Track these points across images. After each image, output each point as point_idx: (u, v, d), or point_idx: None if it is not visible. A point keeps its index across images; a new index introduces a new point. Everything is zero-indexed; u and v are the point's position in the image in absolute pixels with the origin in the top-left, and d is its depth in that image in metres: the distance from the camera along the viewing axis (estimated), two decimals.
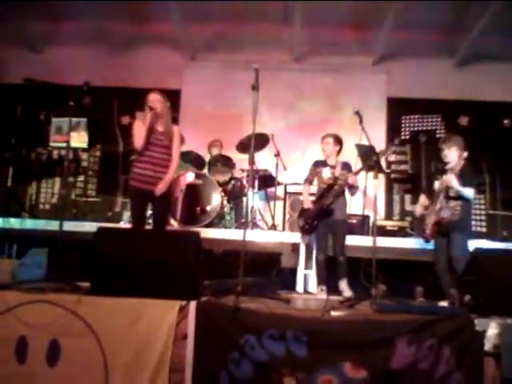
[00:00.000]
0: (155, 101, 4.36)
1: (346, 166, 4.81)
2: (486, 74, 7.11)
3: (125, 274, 3.28)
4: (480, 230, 6.77)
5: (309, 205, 4.83)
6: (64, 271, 3.84)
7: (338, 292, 4.56)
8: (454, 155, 4.38)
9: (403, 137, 7.34)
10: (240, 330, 3.06)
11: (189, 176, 5.59)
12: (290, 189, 6.32)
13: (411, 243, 5.28)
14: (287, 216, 6.22)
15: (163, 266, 3.29)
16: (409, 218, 6.87)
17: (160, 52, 7.52)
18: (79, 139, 7.10)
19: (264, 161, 6.20)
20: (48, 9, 6.89)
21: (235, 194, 6.07)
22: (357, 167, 4.90)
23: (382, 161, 6.30)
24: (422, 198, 4.62)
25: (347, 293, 4.51)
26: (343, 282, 4.59)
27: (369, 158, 4.59)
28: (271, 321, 3.08)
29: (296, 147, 7.08)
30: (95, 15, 6.94)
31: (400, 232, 5.96)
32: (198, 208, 5.50)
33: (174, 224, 5.48)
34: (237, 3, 6.56)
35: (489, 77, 7.08)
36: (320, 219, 4.75)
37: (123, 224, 5.96)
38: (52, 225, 5.20)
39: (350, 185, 4.69)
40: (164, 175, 4.33)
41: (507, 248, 5.05)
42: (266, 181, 6.24)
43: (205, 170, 6.12)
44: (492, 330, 3.07)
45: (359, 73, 7.48)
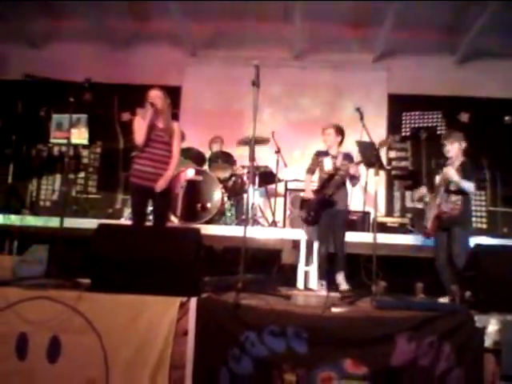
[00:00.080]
0: (155, 97, 4.35)
1: (348, 157, 4.80)
2: (487, 71, 7.10)
3: (125, 271, 3.29)
4: (480, 227, 6.78)
5: (310, 195, 4.82)
6: (64, 268, 3.84)
7: (337, 286, 4.58)
8: (456, 150, 4.39)
9: (404, 133, 7.35)
10: (240, 327, 3.07)
11: (189, 172, 5.59)
12: (291, 185, 6.32)
13: (412, 240, 5.29)
14: (288, 213, 6.22)
15: (164, 263, 3.29)
16: (409, 215, 6.88)
17: (160, 49, 7.51)
18: (80, 136, 7.08)
19: (264, 157, 6.20)
20: (49, 5, 6.89)
21: (236, 191, 6.05)
22: (358, 158, 4.88)
23: (383, 151, 6.27)
24: (423, 188, 4.64)
25: (344, 286, 4.53)
26: (340, 275, 4.61)
27: (370, 155, 4.58)
28: (272, 317, 3.09)
29: (296, 144, 7.06)
30: (96, 12, 6.93)
31: (400, 228, 5.97)
32: (199, 205, 5.50)
33: (175, 220, 5.48)
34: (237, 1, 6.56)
35: (489, 74, 7.07)
36: (322, 210, 4.74)
37: (124, 221, 5.97)
38: (52, 221, 5.22)
39: (352, 175, 4.69)
40: (164, 172, 4.32)
41: (507, 244, 5.04)
42: (267, 177, 6.24)
43: (205, 167, 6.12)
44: (492, 327, 3.07)
45: (360, 70, 7.46)
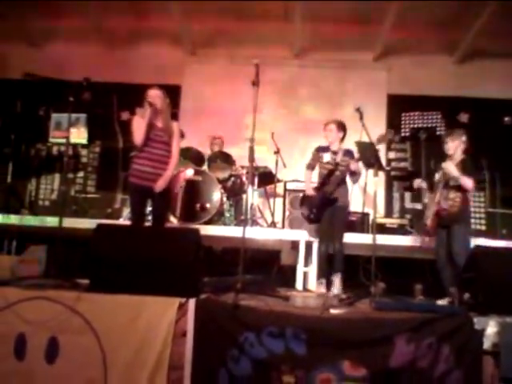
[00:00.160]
0: (155, 96, 4.34)
1: (349, 153, 4.72)
2: (487, 71, 7.11)
3: (124, 271, 3.28)
4: (479, 228, 6.77)
5: (311, 192, 4.77)
6: (63, 268, 3.84)
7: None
8: (457, 147, 4.40)
9: (403, 134, 7.34)
10: (239, 328, 3.07)
11: (188, 172, 5.58)
12: (290, 186, 6.30)
13: (411, 241, 5.28)
14: (287, 213, 6.21)
15: (163, 263, 3.29)
16: (408, 216, 6.88)
17: (160, 47, 7.49)
18: (79, 135, 7.06)
19: (264, 158, 6.18)
20: (48, 4, 6.86)
21: (235, 191, 6.05)
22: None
23: (382, 153, 6.24)
24: (418, 180, 4.68)
25: (336, 290, 4.42)
26: (337, 278, 4.53)
27: (369, 156, 4.57)
28: (270, 318, 3.09)
29: (296, 143, 7.06)
30: (95, 11, 6.91)
31: (400, 230, 5.97)
32: (198, 205, 5.49)
33: (174, 221, 5.48)
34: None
35: (489, 74, 7.08)
36: (324, 208, 4.69)
37: (123, 221, 5.96)
38: (51, 221, 5.20)
39: (352, 171, 4.64)
40: (163, 172, 4.31)
41: (506, 246, 5.04)
42: (266, 178, 6.23)
43: (204, 167, 6.10)
44: (491, 329, 3.07)
45: (360, 69, 7.45)
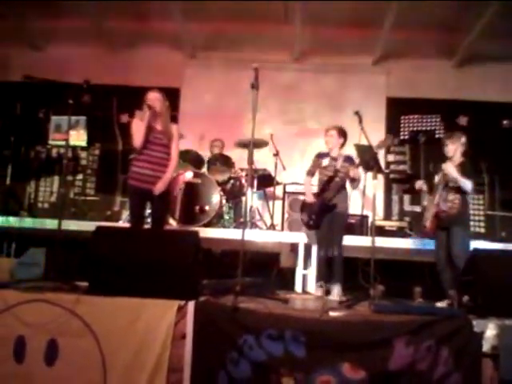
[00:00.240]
0: (154, 99, 4.35)
1: (349, 159, 4.71)
2: (485, 75, 7.13)
3: (123, 274, 3.28)
4: (478, 231, 6.78)
5: (311, 198, 4.76)
6: (62, 270, 3.84)
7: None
8: (457, 150, 4.42)
9: (402, 137, 7.35)
10: (238, 330, 3.06)
11: (187, 175, 5.59)
12: (289, 188, 6.31)
13: (410, 243, 5.29)
14: (286, 216, 6.21)
15: (162, 266, 3.29)
16: (407, 219, 6.89)
17: (160, 50, 7.50)
18: (78, 137, 7.05)
19: (263, 160, 6.19)
20: (49, 6, 6.87)
21: (234, 194, 6.05)
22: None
23: (381, 154, 6.25)
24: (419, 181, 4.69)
25: (334, 298, 4.30)
26: (336, 287, 4.44)
27: (368, 158, 4.58)
28: (270, 321, 3.09)
29: (295, 147, 7.08)
30: (96, 13, 6.92)
31: (399, 232, 5.96)
32: (197, 207, 5.49)
33: (173, 223, 5.48)
34: (237, 2, 6.54)
35: (488, 77, 7.10)
36: (323, 214, 4.68)
37: (122, 223, 5.95)
38: (50, 224, 5.20)
39: (352, 178, 4.63)
40: (163, 174, 4.32)
41: (506, 249, 5.05)
42: (265, 180, 6.22)
43: (204, 169, 6.11)
44: (490, 331, 3.07)
45: (359, 73, 7.47)
